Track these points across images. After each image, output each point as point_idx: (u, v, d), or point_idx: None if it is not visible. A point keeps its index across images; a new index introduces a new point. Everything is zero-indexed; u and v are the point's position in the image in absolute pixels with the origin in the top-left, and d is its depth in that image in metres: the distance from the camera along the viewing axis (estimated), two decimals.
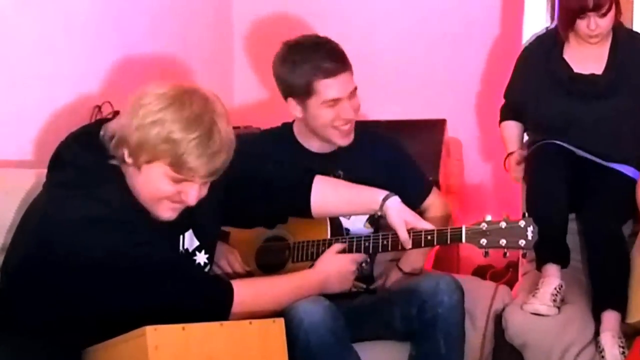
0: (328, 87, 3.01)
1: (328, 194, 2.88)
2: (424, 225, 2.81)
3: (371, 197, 2.85)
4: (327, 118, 3.05)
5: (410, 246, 2.80)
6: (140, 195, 2.46)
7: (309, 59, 3.02)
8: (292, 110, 3.10)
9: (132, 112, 2.40)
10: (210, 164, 2.41)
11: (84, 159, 2.46)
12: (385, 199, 2.81)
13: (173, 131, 2.36)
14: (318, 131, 3.11)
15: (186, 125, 2.37)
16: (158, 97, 2.39)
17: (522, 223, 2.72)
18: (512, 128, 3.71)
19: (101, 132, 2.47)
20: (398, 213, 2.80)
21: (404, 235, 2.79)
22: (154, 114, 2.37)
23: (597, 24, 3.39)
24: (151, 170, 2.41)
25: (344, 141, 3.11)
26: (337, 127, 3.07)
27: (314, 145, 3.18)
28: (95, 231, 2.37)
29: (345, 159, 3.16)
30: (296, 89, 3.05)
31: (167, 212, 2.48)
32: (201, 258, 2.68)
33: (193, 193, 2.45)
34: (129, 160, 2.42)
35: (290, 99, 3.09)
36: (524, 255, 3.48)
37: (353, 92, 3.07)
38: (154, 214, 2.48)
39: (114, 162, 2.45)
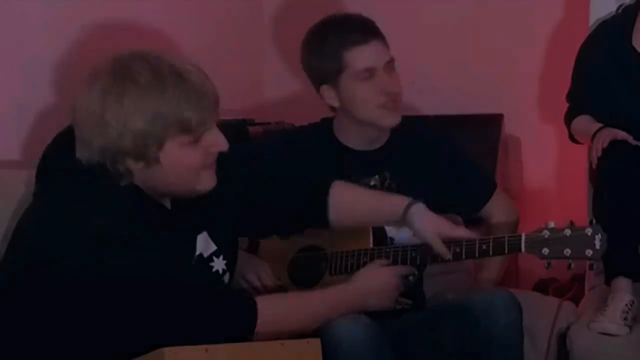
0: (358, 57, 3.04)
1: (347, 202, 2.86)
2: (461, 233, 2.80)
3: (393, 204, 2.82)
4: (364, 93, 3.05)
5: (449, 256, 2.79)
6: (176, 185, 2.45)
7: (333, 33, 3.07)
8: (328, 100, 3.11)
9: (100, 129, 2.35)
10: (207, 98, 2.41)
11: (76, 163, 2.41)
12: (408, 206, 2.77)
13: (150, 106, 2.35)
14: (360, 115, 3.10)
15: (155, 90, 2.35)
16: (105, 96, 2.35)
17: (588, 230, 2.70)
18: (585, 118, 3.60)
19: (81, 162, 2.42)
20: (425, 221, 2.76)
21: (441, 249, 2.77)
22: (122, 108, 2.34)
23: None
24: (169, 153, 2.39)
25: (391, 120, 3.09)
26: (379, 104, 3.06)
27: (355, 142, 3.18)
28: (99, 248, 2.32)
29: (392, 158, 3.17)
30: (327, 71, 3.07)
31: (208, 181, 2.49)
32: (219, 264, 2.65)
33: (218, 138, 2.46)
34: (139, 165, 2.39)
35: (323, 88, 3.11)
36: (591, 267, 3.46)
37: (390, 65, 3.08)
38: (196, 191, 2.48)
39: (124, 182, 2.42)
